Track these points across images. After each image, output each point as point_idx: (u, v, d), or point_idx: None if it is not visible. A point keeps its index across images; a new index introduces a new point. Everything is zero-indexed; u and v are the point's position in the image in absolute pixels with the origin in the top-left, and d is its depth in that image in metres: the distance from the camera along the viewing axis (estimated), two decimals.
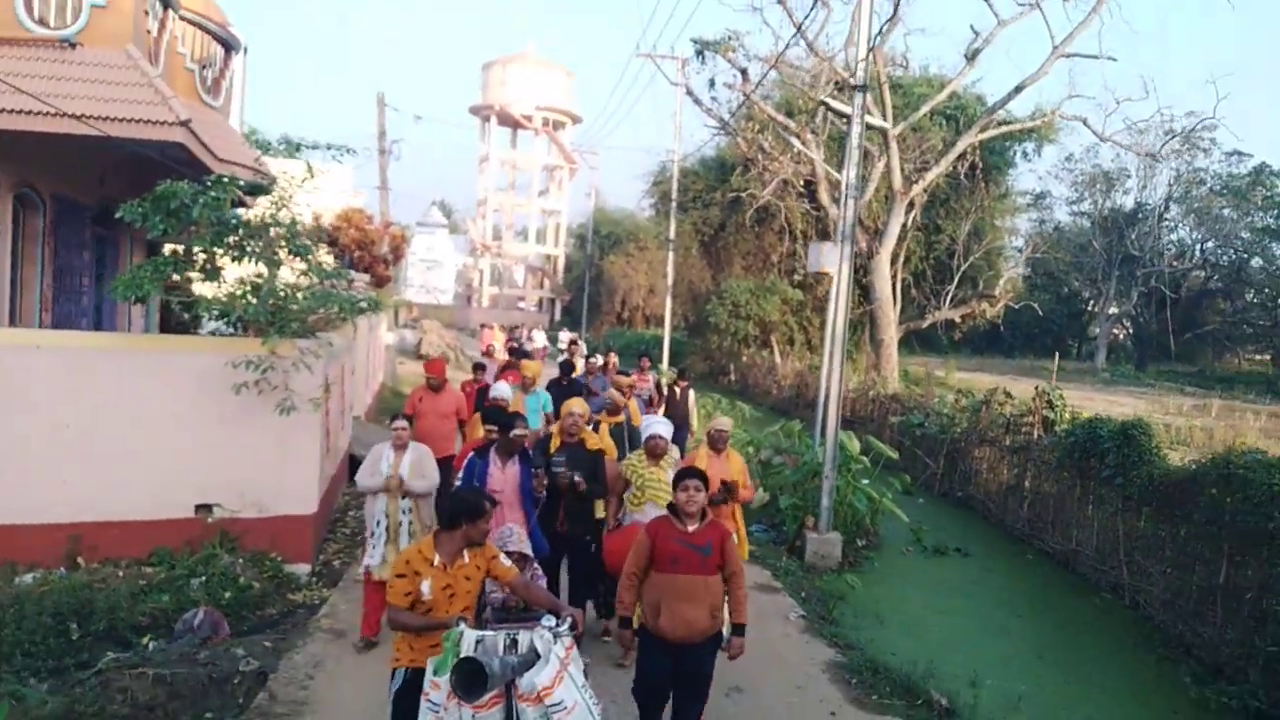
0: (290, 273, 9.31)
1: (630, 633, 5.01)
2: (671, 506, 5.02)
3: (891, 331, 21.81)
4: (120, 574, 7.91)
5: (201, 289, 9.78)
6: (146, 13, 10.09)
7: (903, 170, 22.80)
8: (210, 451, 8.32)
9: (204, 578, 7.92)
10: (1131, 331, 63.38)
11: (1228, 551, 7.85)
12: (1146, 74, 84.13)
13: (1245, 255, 59.24)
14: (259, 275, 8.92)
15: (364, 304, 9.63)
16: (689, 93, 21.11)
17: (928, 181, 22.02)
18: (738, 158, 26.67)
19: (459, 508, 4.45)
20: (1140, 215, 54.91)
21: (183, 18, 11.39)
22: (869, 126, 21.82)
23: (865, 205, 22.53)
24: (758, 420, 20.69)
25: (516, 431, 6.47)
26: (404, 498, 6.92)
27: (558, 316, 66.51)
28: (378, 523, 6.94)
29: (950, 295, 28.19)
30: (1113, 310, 59.38)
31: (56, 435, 7.90)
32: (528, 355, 14.92)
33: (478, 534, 4.44)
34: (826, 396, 10.93)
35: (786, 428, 13.78)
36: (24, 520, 7.85)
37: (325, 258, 9.76)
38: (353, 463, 11.48)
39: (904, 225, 24.19)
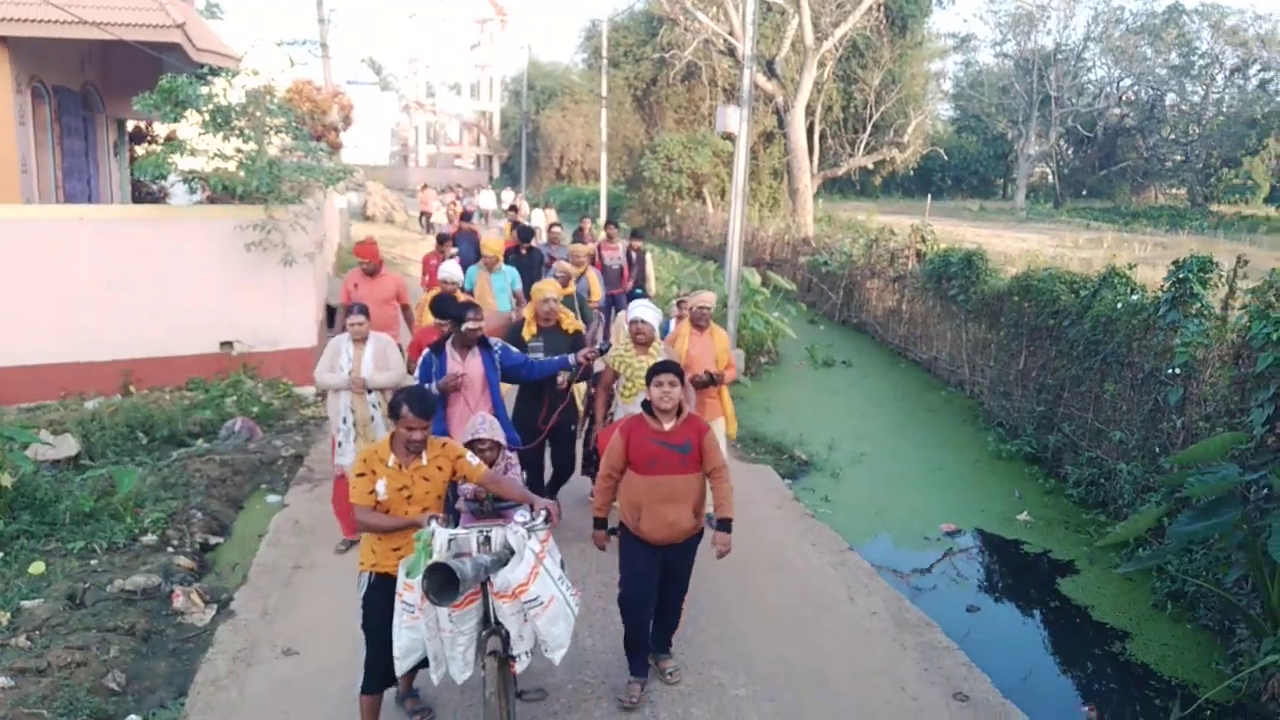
0: (272, 147, 11.01)
1: (604, 534, 4.87)
2: (646, 403, 4.75)
3: (806, 180, 23.82)
4: (167, 398, 10.00)
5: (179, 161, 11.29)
6: None
7: (817, 25, 24.32)
8: (228, 298, 10.29)
9: (234, 398, 10.03)
10: (1052, 170, 66.10)
11: (1025, 345, 10.33)
12: None
13: (1160, 92, 61.56)
14: (239, 150, 10.61)
15: (340, 173, 11.43)
16: None
17: (836, 37, 23.63)
18: (665, 15, 27.84)
19: (393, 402, 4.26)
20: (1060, 55, 56.62)
21: None
22: None
23: (782, 60, 24.08)
24: (687, 266, 22.85)
25: (468, 325, 5.90)
26: (370, 391, 6.47)
27: (496, 174, 67.06)
28: (344, 419, 6.50)
29: (864, 144, 30.19)
30: (1034, 150, 61.85)
31: (103, 291, 9.79)
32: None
33: (404, 435, 4.20)
34: (731, 239, 13.02)
35: (702, 268, 16.02)
36: (82, 359, 9.81)
37: (303, 132, 11.34)
38: (329, 312, 13.31)
39: (818, 79, 25.87)
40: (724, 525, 4.73)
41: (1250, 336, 6.04)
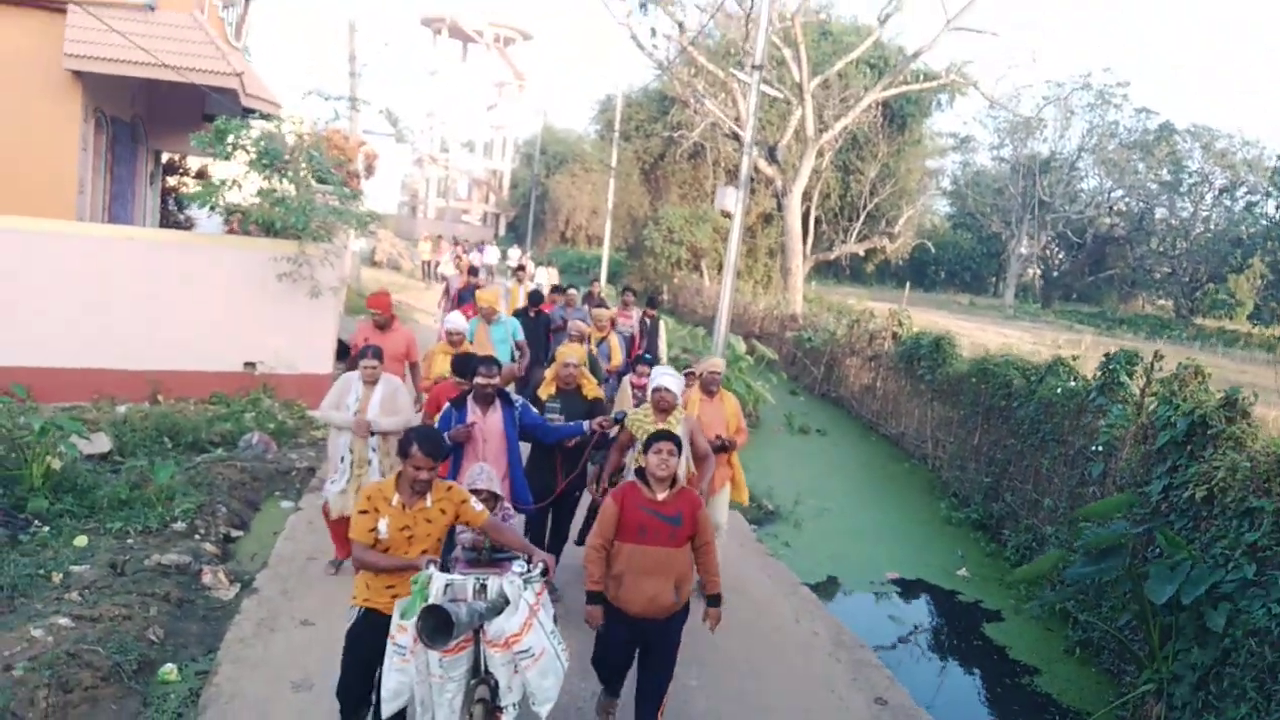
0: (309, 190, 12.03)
1: (599, 609, 4.65)
2: (640, 471, 4.69)
3: (798, 261, 25.03)
4: (191, 408, 10.86)
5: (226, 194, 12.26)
6: None
7: (820, 116, 25.79)
8: (255, 322, 11.22)
9: (253, 414, 10.89)
10: (1040, 272, 67.91)
11: (980, 423, 11.29)
12: (1040, 43, 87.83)
13: (1149, 206, 63.70)
14: (277, 188, 11.63)
15: (366, 218, 12.47)
16: (632, 37, 23.63)
17: (836, 130, 25.06)
18: (676, 96, 29.37)
19: (404, 440, 4.29)
20: (1054, 163, 58.75)
21: None
22: (786, 83, 24.77)
23: (783, 147, 25.47)
24: (678, 331, 23.92)
25: (479, 380, 5.87)
26: (372, 434, 6.51)
27: (501, 232, 68.57)
28: (341, 458, 6.57)
29: (857, 231, 31.61)
30: (1025, 250, 63.70)
31: (142, 305, 10.73)
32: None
33: (411, 474, 4.22)
34: (720, 308, 14.00)
35: (692, 333, 17.03)
36: (119, 366, 10.69)
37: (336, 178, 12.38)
38: (340, 346, 14.10)
39: (817, 167, 27.29)
40: (713, 601, 4.72)
41: (1155, 418, 7.01)
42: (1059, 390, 9.32)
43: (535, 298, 11.72)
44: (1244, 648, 5.25)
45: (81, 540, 7.17)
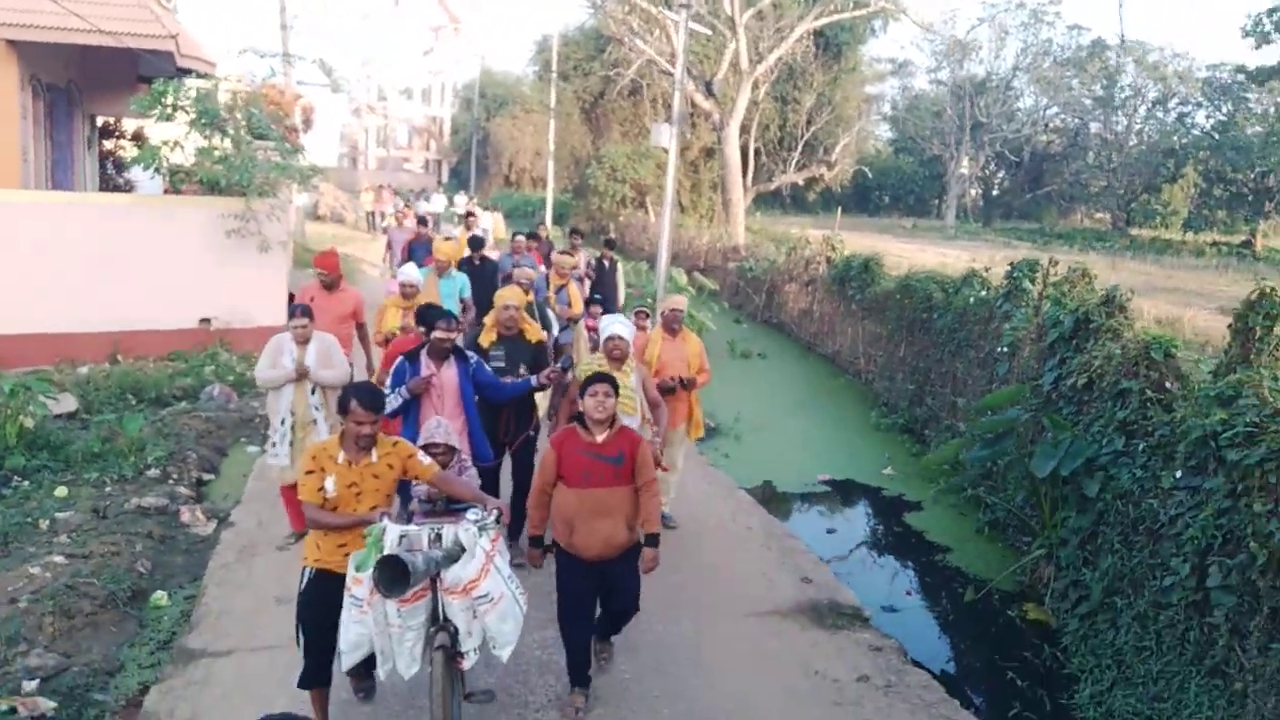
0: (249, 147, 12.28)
1: (540, 552, 4.75)
2: (577, 415, 4.70)
3: (739, 193, 25.56)
4: (151, 366, 11.23)
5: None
6: None
7: (756, 48, 26.13)
8: (207, 279, 11.56)
9: (212, 367, 11.29)
10: (980, 192, 69.05)
11: (905, 336, 12.03)
12: None
13: (1084, 121, 64.81)
14: (214, 147, 11.87)
15: (309, 172, 12.76)
16: None
17: (769, 62, 25.44)
18: (611, 34, 29.47)
19: (343, 397, 4.32)
20: (990, 84, 59.47)
21: None
22: (720, 17, 25.02)
23: (720, 81, 25.81)
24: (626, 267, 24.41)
25: (438, 334, 5.81)
26: (313, 391, 6.46)
27: (445, 179, 68.05)
28: (282, 420, 6.46)
29: (795, 161, 32.17)
30: (965, 172, 64.68)
31: (97, 268, 11.01)
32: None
33: (354, 430, 4.24)
34: (661, 243, 14.50)
35: (636, 268, 17.53)
36: (76, 330, 11.00)
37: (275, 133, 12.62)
38: (290, 300, 14.52)
39: (754, 99, 27.68)
40: (651, 540, 4.64)
41: (1047, 318, 7.73)
42: (971, 300, 10.04)
43: (477, 243, 11.45)
44: (1113, 509, 6.03)
45: (62, 491, 7.64)
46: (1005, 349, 8.78)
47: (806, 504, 8.92)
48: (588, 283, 11.68)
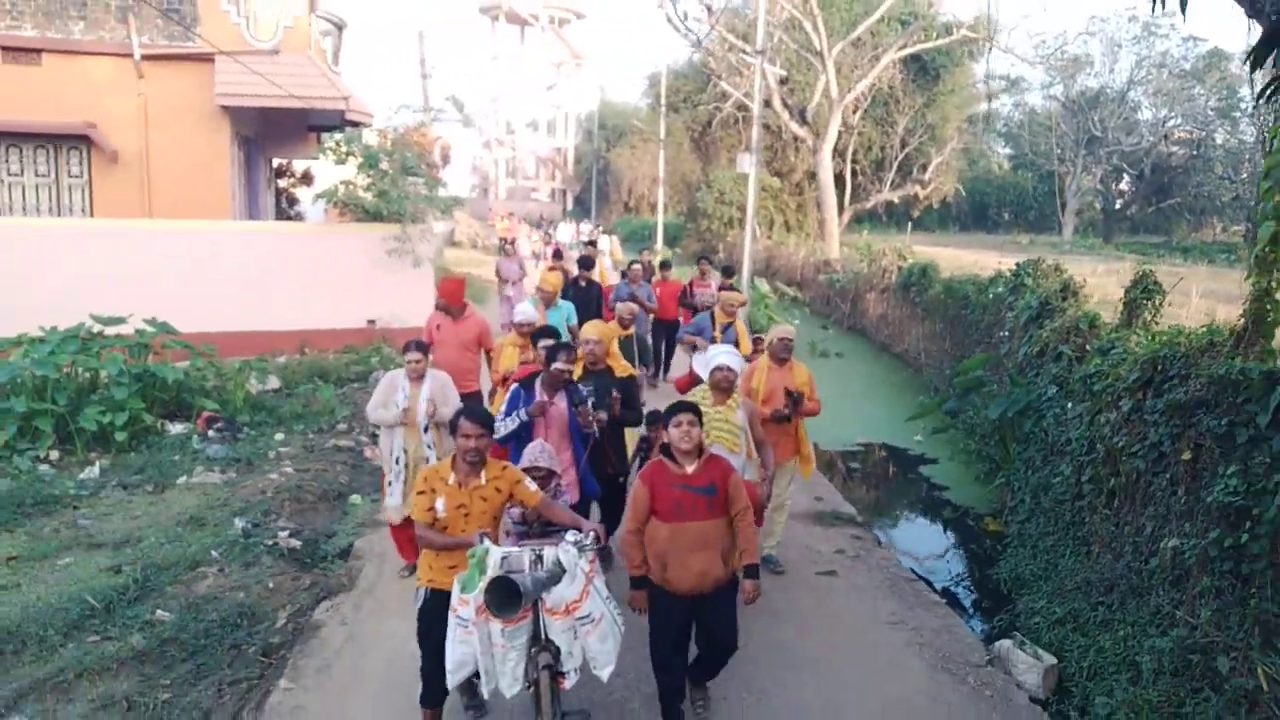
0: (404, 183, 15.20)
1: (643, 594, 4.61)
2: (664, 447, 4.59)
3: (832, 213, 27.56)
4: (330, 357, 14.18)
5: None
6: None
7: (849, 76, 28.18)
8: (372, 288, 14.48)
9: (377, 357, 14.16)
10: (1100, 206, 68.34)
11: (948, 330, 13.96)
12: None
13: (1208, 132, 63.52)
14: (374, 183, 14.82)
15: (450, 204, 15.63)
16: (668, 19, 26.29)
17: (858, 91, 27.42)
18: (709, 72, 31.98)
19: (453, 418, 4.47)
20: (1104, 97, 59.28)
21: (317, 15, 17.09)
22: (810, 49, 27.15)
23: (813, 109, 27.93)
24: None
25: (558, 366, 5.75)
26: (426, 429, 6.21)
27: (569, 206, 71.75)
28: (396, 460, 6.30)
29: (890, 181, 33.92)
30: (1083, 185, 64.33)
31: (290, 280, 14.05)
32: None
33: (463, 446, 4.35)
34: (745, 254, 16.67)
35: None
36: (275, 328, 14.04)
37: (423, 171, 15.56)
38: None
39: (848, 124, 29.67)
40: (750, 572, 4.53)
41: (1026, 306, 9.71)
42: (990, 296, 11.97)
43: (584, 263, 11.53)
44: (1038, 439, 8.03)
45: (279, 436, 10.49)
46: (1006, 333, 10.73)
47: (839, 456, 11.03)
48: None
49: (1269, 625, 4.76)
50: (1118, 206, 68.00)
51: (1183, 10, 3.57)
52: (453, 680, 4.34)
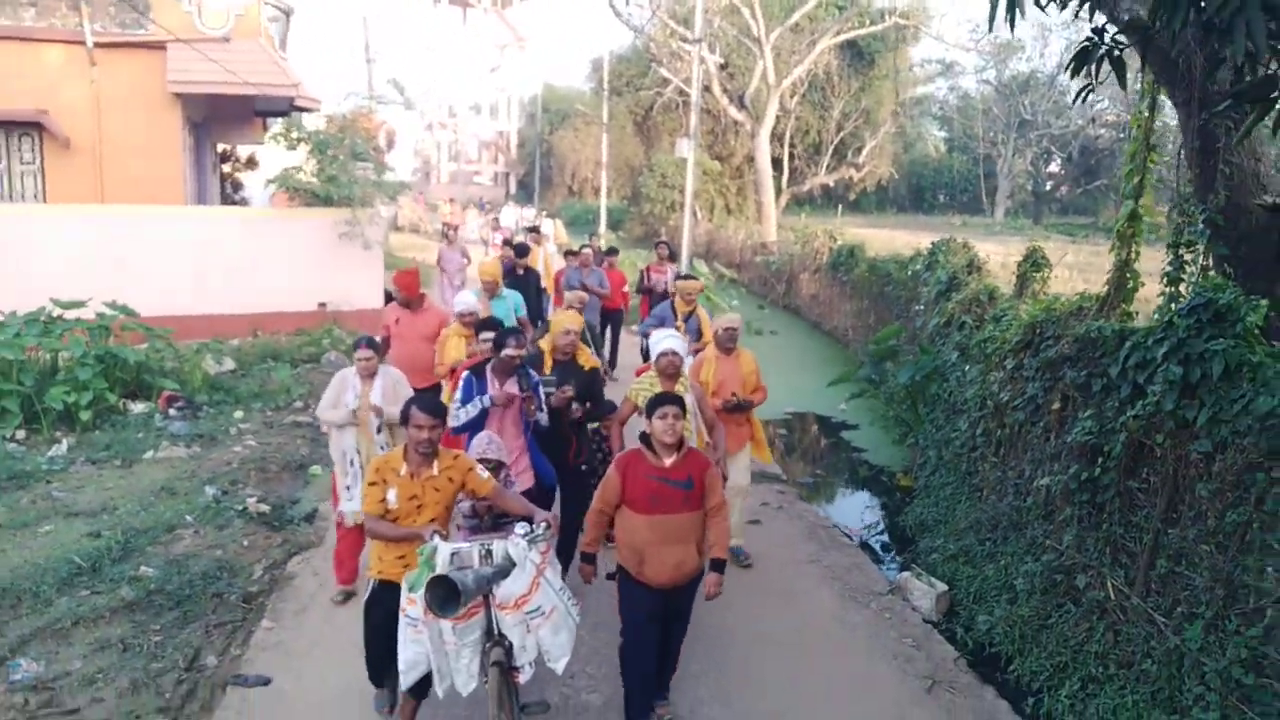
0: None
1: (591, 568, 4.65)
2: (644, 436, 4.52)
3: (769, 196, 28.45)
4: (283, 339, 14.63)
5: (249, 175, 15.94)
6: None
7: (788, 62, 29.04)
8: (324, 272, 14.93)
9: (328, 339, 14.64)
10: (1030, 188, 70.48)
11: (872, 307, 14.87)
12: None
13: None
14: (323, 168, 15.25)
15: (398, 188, 16.10)
16: (611, 5, 26.79)
17: (794, 77, 28.30)
18: (650, 57, 32.63)
19: (404, 408, 4.42)
20: (1034, 81, 61.12)
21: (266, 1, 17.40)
22: (749, 35, 27.93)
23: (752, 94, 28.74)
24: None
25: (508, 351, 5.65)
26: (379, 430, 5.97)
27: (512, 190, 71.88)
28: (350, 461, 6.02)
29: (826, 164, 34.97)
30: (1014, 168, 66.34)
31: (242, 265, 14.44)
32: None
33: (415, 436, 4.30)
34: (684, 237, 17.41)
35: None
36: (228, 311, 14.44)
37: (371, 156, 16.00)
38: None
39: (786, 108, 30.55)
40: (716, 565, 4.50)
41: (936, 281, 10.58)
42: (908, 273, 12.86)
43: (520, 250, 11.36)
44: (943, 401, 8.90)
45: (239, 414, 10.99)
46: (921, 306, 11.62)
47: (770, 425, 11.84)
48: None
49: (1117, 545, 5.62)
50: (1048, 188, 70.13)
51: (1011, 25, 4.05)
52: (406, 680, 4.26)
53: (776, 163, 32.61)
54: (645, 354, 8.69)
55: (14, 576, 6.47)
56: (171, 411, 10.78)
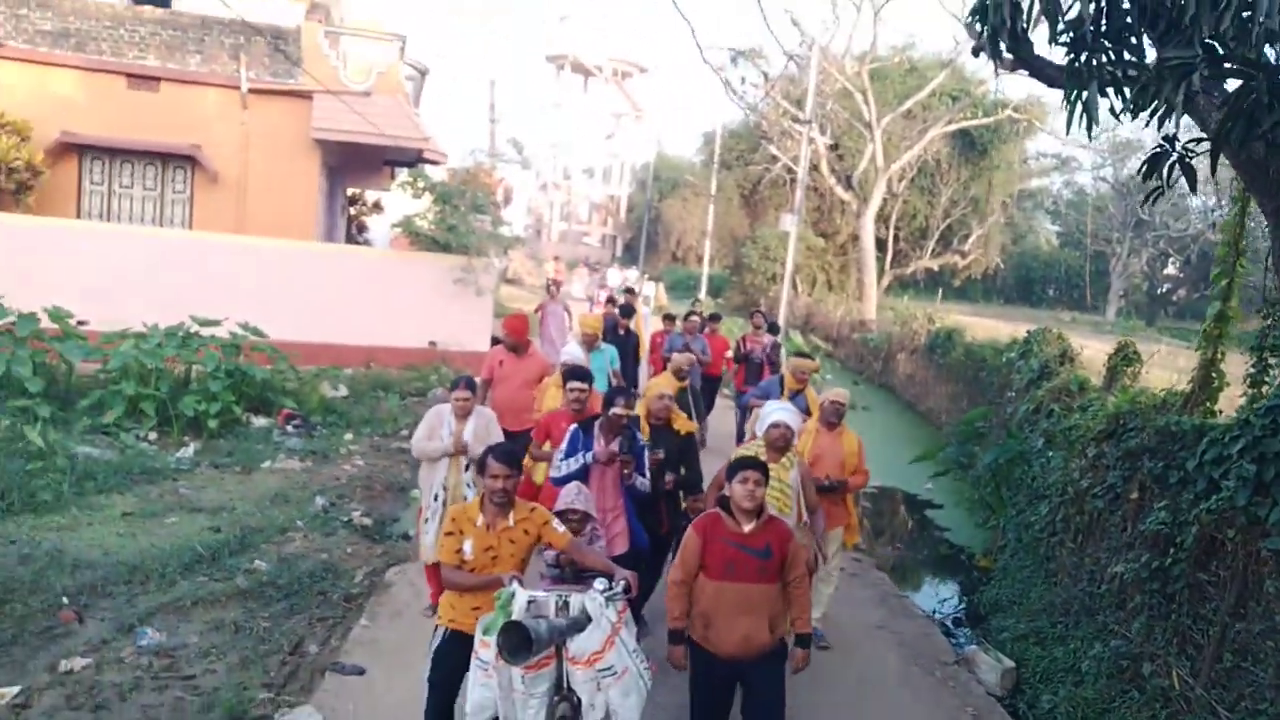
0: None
1: (682, 649, 4.45)
2: (722, 500, 4.47)
3: (871, 275, 28.68)
4: (394, 372, 15.46)
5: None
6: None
7: (899, 146, 29.46)
8: (436, 313, 15.78)
9: (436, 375, 15.40)
10: (1145, 289, 68.69)
11: (967, 390, 14.92)
12: None
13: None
14: (444, 217, 16.19)
15: (513, 241, 16.97)
16: (725, 83, 27.78)
17: (902, 163, 28.67)
18: (760, 135, 33.45)
19: (480, 457, 4.40)
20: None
21: (404, 61, 18.74)
22: (860, 119, 28.48)
23: (860, 174, 29.19)
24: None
25: (615, 410, 5.65)
26: (467, 469, 6.09)
27: (618, 252, 73.42)
28: (435, 496, 6.23)
29: (931, 250, 35.03)
30: (1129, 268, 64.85)
31: (360, 300, 15.39)
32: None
33: (490, 486, 4.30)
34: (782, 309, 17.76)
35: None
36: (346, 342, 15.36)
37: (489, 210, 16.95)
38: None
39: (894, 192, 30.88)
40: (802, 641, 4.44)
41: (1029, 369, 10.70)
42: (1004, 359, 12.95)
43: (626, 311, 11.43)
44: (1025, 485, 8.99)
45: (349, 436, 11.72)
46: (1013, 393, 11.71)
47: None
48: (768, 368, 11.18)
49: (1185, 635, 5.70)
50: (1163, 290, 68.32)
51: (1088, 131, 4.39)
52: None
53: (881, 244, 32.85)
54: (740, 430, 8.47)
55: (143, 557, 7.14)
56: (289, 428, 11.58)
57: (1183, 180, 4.56)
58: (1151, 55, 4.37)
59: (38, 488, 8.18)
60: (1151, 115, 4.26)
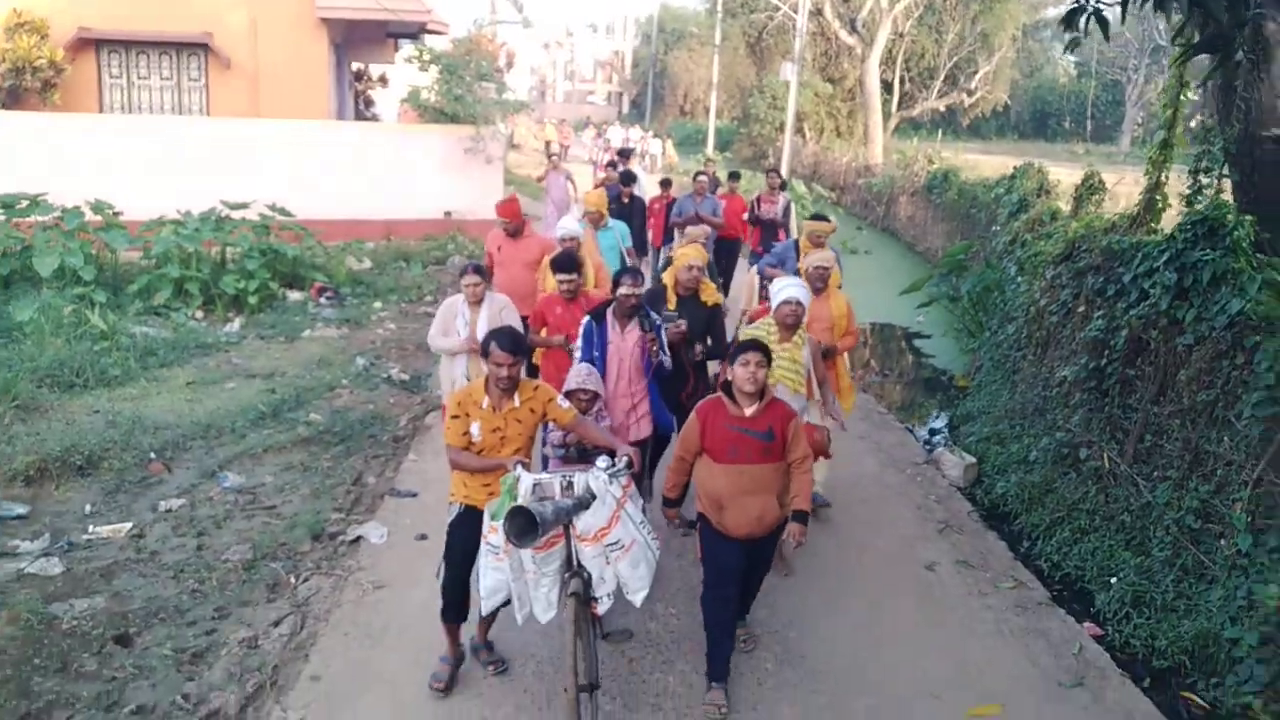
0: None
1: (674, 511, 4.76)
2: (725, 384, 4.46)
3: (875, 119, 28.76)
4: (412, 244, 16.26)
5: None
6: None
7: None
8: (449, 183, 16.45)
9: (453, 245, 16.21)
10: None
11: (960, 227, 15.57)
12: None
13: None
14: (451, 88, 16.63)
15: (518, 106, 17.41)
16: None
17: (906, 1, 28.27)
18: None
19: (483, 342, 4.37)
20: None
21: None
22: None
23: (865, 17, 28.86)
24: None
25: (623, 290, 5.49)
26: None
27: (625, 109, 72.54)
28: (456, 387, 6.05)
29: (937, 89, 34.73)
30: (1147, 95, 63.33)
31: (380, 174, 16.06)
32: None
33: (494, 373, 4.26)
34: (784, 158, 18.21)
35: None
36: (366, 217, 16.12)
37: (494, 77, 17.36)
38: None
39: (896, 33, 30.54)
40: (799, 516, 4.42)
41: (1009, 202, 11.35)
42: (993, 195, 13.56)
43: (627, 178, 10.97)
44: (999, 309, 9.82)
45: (378, 304, 12.64)
46: (998, 227, 12.39)
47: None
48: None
49: (1115, 424, 6.63)
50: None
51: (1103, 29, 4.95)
52: (487, 606, 4.45)
53: (887, 86, 32.64)
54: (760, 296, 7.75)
55: (213, 417, 8.17)
56: (322, 300, 12.51)
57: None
58: None
59: (107, 365, 9.16)
60: None
